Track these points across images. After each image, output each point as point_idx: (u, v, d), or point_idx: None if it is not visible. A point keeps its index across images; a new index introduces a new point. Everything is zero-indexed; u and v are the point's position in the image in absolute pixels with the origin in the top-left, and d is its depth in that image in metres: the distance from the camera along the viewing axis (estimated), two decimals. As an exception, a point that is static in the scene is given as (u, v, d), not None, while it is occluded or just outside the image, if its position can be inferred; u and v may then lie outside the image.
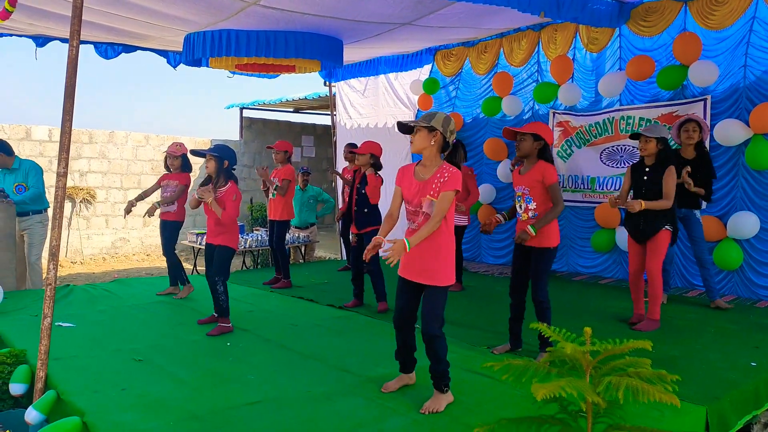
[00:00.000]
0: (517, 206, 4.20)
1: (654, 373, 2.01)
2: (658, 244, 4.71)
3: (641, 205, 4.51)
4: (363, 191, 5.41)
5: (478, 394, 3.37)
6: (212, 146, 4.93)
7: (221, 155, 4.75)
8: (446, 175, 3.19)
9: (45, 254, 6.41)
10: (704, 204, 5.59)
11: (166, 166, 6.07)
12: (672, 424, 2.92)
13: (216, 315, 4.81)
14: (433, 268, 3.21)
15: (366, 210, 5.44)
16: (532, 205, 4.06)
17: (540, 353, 4.00)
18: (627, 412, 2.15)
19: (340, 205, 8.14)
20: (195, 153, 5.00)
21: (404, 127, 3.31)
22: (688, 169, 5.15)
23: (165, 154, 6.06)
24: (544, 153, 4.08)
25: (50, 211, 6.37)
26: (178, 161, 5.96)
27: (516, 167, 4.34)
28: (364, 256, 3.22)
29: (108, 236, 12.38)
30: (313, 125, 16.12)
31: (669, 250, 5.54)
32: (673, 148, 5.38)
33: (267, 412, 3.16)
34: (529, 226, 3.98)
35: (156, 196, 6.12)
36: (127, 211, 5.79)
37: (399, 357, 3.51)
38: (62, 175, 3.52)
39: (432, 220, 3.14)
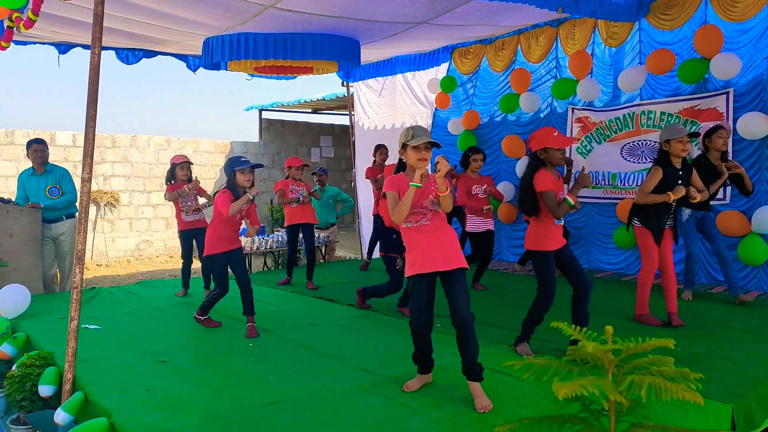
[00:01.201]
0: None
1: (677, 372, 1.99)
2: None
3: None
4: None
5: (500, 393, 3.36)
6: (234, 159, 4.82)
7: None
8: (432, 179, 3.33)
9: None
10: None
11: (171, 178, 5.98)
12: (697, 423, 2.88)
13: (248, 315, 4.83)
14: (457, 251, 3.31)
15: None
16: None
17: None
18: (650, 410, 2.14)
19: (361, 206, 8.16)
20: (249, 167, 4.75)
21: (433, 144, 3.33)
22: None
23: (179, 162, 5.95)
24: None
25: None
26: (190, 171, 6.01)
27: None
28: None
29: (132, 239, 12.56)
30: (332, 125, 16.19)
31: (696, 248, 5.48)
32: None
33: (288, 411, 3.19)
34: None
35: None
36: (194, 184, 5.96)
37: (421, 361, 3.50)
38: (87, 181, 3.58)
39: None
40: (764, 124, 5.69)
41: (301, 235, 6.80)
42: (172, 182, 6.00)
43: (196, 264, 6.34)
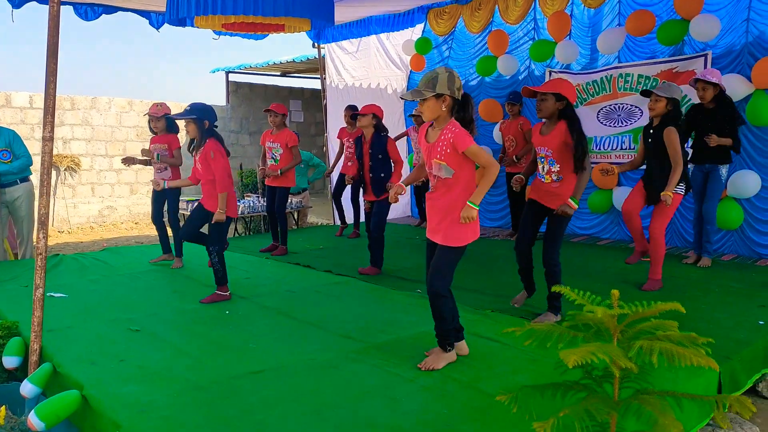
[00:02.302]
0: (540, 167, 4.00)
1: (684, 336, 1.93)
2: (666, 206, 4.58)
3: (670, 197, 4.45)
4: (379, 156, 5.24)
5: (487, 359, 3.30)
6: (189, 106, 4.66)
7: (200, 116, 4.56)
8: (450, 136, 3.10)
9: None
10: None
11: (151, 130, 5.87)
12: (686, 387, 2.87)
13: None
14: (444, 227, 3.17)
15: (383, 175, 5.32)
16: (555, 168, 3.87)
17: (546, 313, 3.95)
18: (653, 376, 2.08)
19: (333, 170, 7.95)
20: (174, 117, 4.71)
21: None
22: (713, 138, 5.10)
23: (147, 116, 5.85)
24: (566, 113, 3.85)
25: (34, 179, 6.17)
26: (161, 123, 5.76)
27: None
28: (391, 200, 3.37)
29: (95, 205, 12.14)
30: (302, 89, 15.79)
31: (699, 205, 5.49)
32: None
33: (271, 380, 3.08)
34: (571, 200, 3.81)
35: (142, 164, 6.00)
36: (128, 161, 5.79)
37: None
38: (48, 140, 3.35)
39: (487, 172, 3.13)
40: (742, 86, 5.68)
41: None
42: (155, 134, 5.83)
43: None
